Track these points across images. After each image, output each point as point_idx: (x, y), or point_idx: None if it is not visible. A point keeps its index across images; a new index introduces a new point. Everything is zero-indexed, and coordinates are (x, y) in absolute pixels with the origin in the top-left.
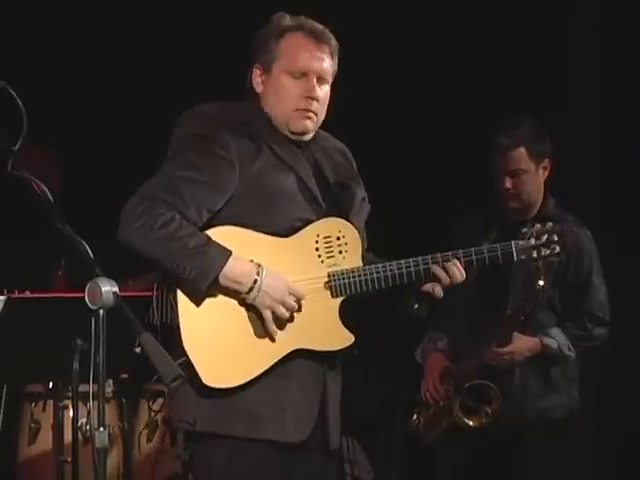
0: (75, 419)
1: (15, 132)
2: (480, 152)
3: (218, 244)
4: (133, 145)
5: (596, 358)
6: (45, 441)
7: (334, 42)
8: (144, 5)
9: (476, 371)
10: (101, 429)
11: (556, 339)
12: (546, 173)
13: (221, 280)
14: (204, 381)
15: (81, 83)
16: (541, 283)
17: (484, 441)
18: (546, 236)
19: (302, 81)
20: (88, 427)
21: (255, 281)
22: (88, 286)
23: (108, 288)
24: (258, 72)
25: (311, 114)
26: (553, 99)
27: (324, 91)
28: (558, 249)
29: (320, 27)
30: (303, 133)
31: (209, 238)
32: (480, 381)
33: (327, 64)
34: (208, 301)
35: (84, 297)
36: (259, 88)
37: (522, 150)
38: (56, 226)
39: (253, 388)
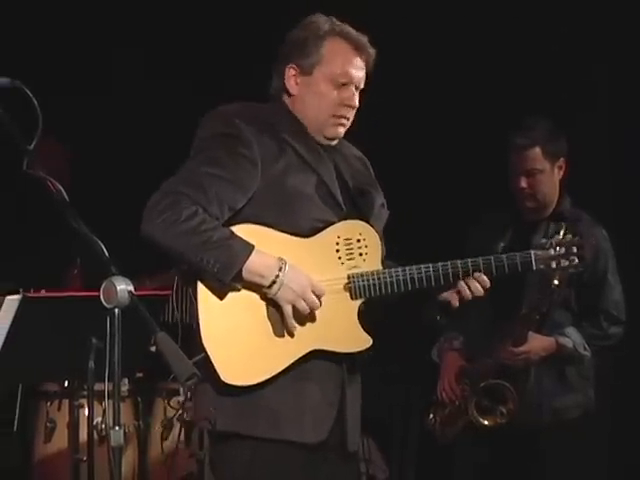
0: (90, 418)
1: (30, 131)
2: (495, 152)
3: (241, 238)
4: (150, 144)
5: (612, 357)
6: (61, 440)
7: (372, 51)
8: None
9: (491, 370)
10: (116, 428)
11: (571, 338)
12: (561, 172)
13: (244, 273)
14: (222, 378)
15: (96, 82)
16: (556, 282)
17: (500, 441)
18: (565, 247)
19: (342, 89)
20: (103, 426)
21: (277, 275)
22: (103, 285)
23: (123, 287)
24: (293, 73)
25: (345, 121)
26: (568, 98)
27: (358, 99)
28: (577, 261)
29: (360, 35)
30: (335, 139)
31: (232, 232)
32: (495, 381)
33: (363, 73)
34: (228, 298)
35: (99, 296)
36: (293, 89)
37: (538, 150)
38: (71, 225)
39: (273, 388)
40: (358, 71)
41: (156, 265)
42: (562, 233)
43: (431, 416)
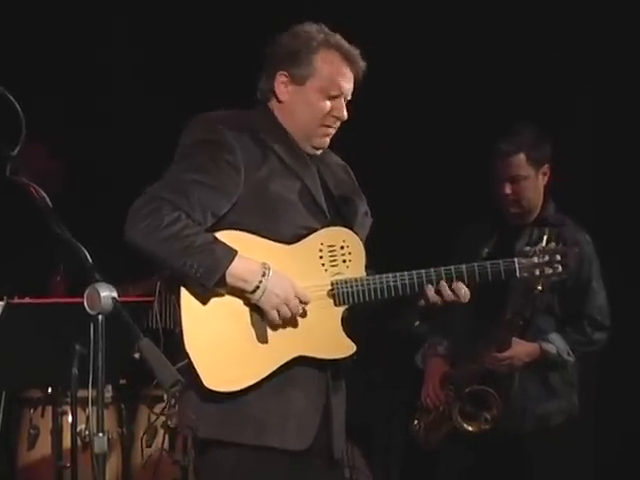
0: (74, 424)
1: (13, 137)
2: (479, 157)
3: (224, 243)
4: (133, 151)
5: (595, 362)
6: (44, 446)
7: (362, 64)
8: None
9: (475, 376)
10: (100, 434)
11: (555, 344)
12: (545, 178)
13: (227, 278)
14: (205, 384)
15: (84, 86)
16: (539, 288)
17: (484, 447)
18: (549, 255)
19: (333, 100)
20: (87, 432)
21: (261, 280)
22: (87, 291)
23: (107, 293)
24: (283, 80)
25: (332, 131)
26: (553, 104)
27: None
28: (561, 269)
29: (351, 47)
30: (321, 148)
31: (215, 237)
32: (479, 387)
33: (352, 84)
34: (212, 304)
35: (83, 302)
36: (283, 96)
37: (522, 156)
38: (55, 231)
39: (257, 395)
40: (348, 83)
41: (139, 271)
42: (546, 240)
43: (416, 422)
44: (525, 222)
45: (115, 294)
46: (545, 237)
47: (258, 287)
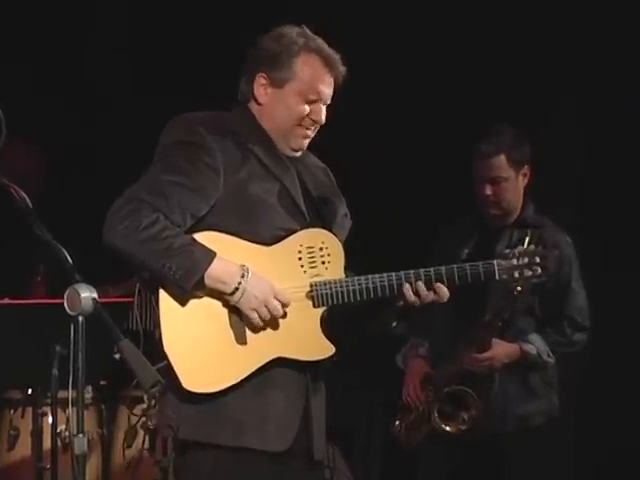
0: (54, 425)
1: None
2: (459, 158)
3: (203, 245)
4: (114, 152)
5: (576, 363)
6: (24, 448)
7: (342, 69)
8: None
9: (455, 377)
10: (80, 435)
11: (535, 345)
12: (525, 179)
13: (206, 280)
14: (184, 385)
15: (68, 85)
16: (519, 289)
17: (465, 448)
18: (529, 257)
19: (311, 104)
20: (67, 433)
21: (240, 282)
22: (67, 292)
23: (87, 294)
24: (263, 82)
25: (311, 134)
26: (535, 105)
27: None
28: (540, 271)
29: (332, 52)
30: (300, 150)
31: (194, 239)
32: (458, 387)
33: (332, 89)
34: (190, 305)
35: (63, 303)
36: (262, 99)
37: (502, 157)
38: (35, 232)
39: (236, 396)
40: (328, 88)
41: (119, 272)
42: (526, 242)
43: (397, 422)
44: (505, 223)
45: (95, 295)
46: (527, 239)
47: (237, 289)
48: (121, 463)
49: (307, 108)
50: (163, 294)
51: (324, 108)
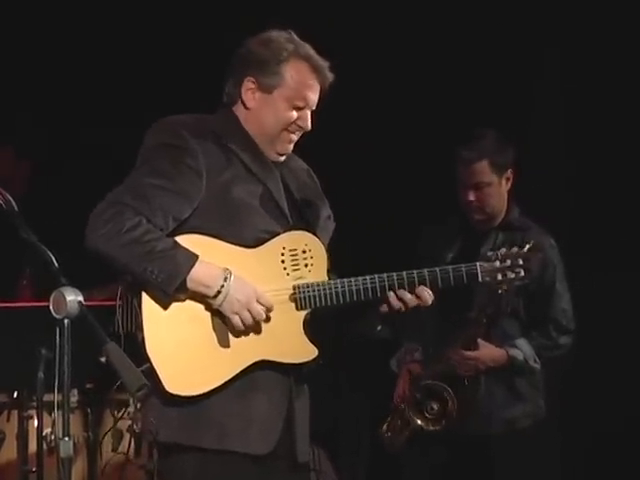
0: (40, 429)
1: None
2: (443, 162)
3: (185, 248)
4: (99, 155)
5: (560, 365)
6: (10, 451)
7: (330, 76)
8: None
9: (441, 375)
10: (66, 439)
11: (522, 350)
12: (509, 183)
13: (188, 283)
14: (167, 388)
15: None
16: (504, 287)
17: (451, 451)
18: (511, 259)
19: (299, 112)
20: (53, 437)
21: (222, 285)
22: (53, 295)
23: (73, 297)
24: (251, 86)
25: (295, 138)
26: (518, 109)
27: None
28: (523, 273)
29: (320, 59)
30: (284, 154)
31: (176, 242)
32: (435, 382)
33: (318, 96)
34: (173, 308)
35: (49, 306)
36: (250, 103)
37: (485, 163)
38: (21, 235)
39: (219, 399)
40: (315, 94)
41: (104, 276)
42: (510, 245)
43: (385, 426)
44: (489, 227)
45: (81, 298)
46: (510, 243)
47: (220, 292)
48: (107, 467)
49: (295, 114)
50: (145, 297)
51: (309, 113)
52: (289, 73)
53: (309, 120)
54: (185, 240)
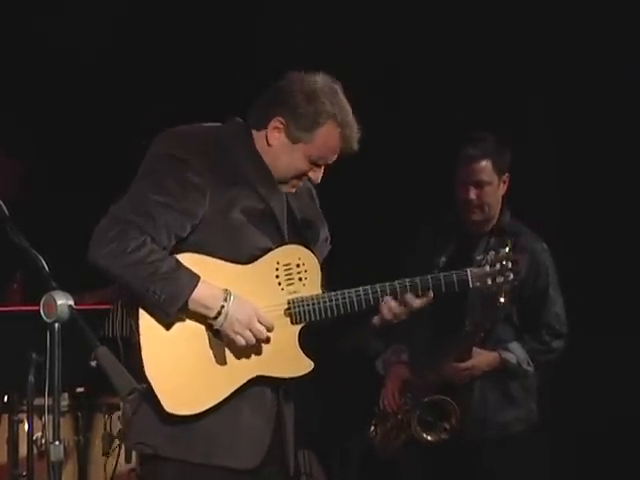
0: (30, 433)
1: None
2: (437, 168)
3: (188, 269)
4: (94, 157)
5: (551, 369)
6: (0, 455)
7: (356, 147)
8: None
9: (435, 385)
10: (56, 443)
11: (515, 353)
12: (505, 187)
13: (190, 304)
14: (166, 408)
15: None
16: (502, 300)
17: (445, 456)
18: (500, 263)
19: (315, 167)
20: (43, 441)
21: (222, 306)
22: (43, 299)
23: (63, 301)
24: (279, 126)
25: (302, 184)
26: (509, 116)
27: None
28: (512, 276)
29: (356, 130)
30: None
31: (179, 262)
32: (439, 396)
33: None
34: (171, 328)
35: (39, 310)
36: (272, 141)
37: (488, 162)
38: (12, 239)
39: (208, 412)
40: (335, 156)
41: (96, 279)
42: (500, 249)
43: (372, 428)
44: (482, 231)
45: (72, 302)
46: (501, 247)
47: (220, 313)
48: (97, 471)
49: (310, 167)
50: (143, 314)
51: (323, 169)
52: (320, 135)
53: (321, 175)
54: (184, 259)
